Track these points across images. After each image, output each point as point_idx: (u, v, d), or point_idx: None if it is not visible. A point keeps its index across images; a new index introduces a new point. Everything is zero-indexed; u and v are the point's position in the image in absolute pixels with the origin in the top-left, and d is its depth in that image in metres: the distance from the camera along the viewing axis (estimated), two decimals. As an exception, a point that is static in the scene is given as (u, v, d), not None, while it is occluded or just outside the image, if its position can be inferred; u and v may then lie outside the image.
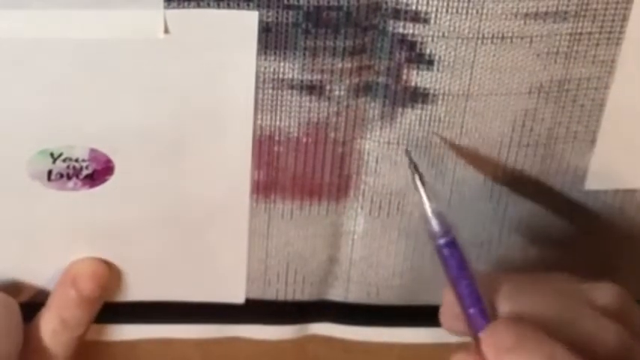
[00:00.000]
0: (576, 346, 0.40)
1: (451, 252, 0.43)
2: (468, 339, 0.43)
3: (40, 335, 0.47)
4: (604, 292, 0.43)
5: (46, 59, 0.42)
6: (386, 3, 0.42)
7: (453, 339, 0.45)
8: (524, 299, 0.42)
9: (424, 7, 0.42)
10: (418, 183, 0.44)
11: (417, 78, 0.44)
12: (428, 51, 0.43)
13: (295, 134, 0.45)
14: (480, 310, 0.42)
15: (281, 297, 0.50)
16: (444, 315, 0.44)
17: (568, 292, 0.43)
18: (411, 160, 0.45)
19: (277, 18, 0.42)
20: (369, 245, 0.49)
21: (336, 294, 0.51)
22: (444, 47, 0.43)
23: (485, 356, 0.41)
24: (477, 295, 0.42)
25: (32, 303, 0.48)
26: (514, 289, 0.42)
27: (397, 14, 0.43)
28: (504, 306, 0.42)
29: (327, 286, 0.51)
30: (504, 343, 0.40)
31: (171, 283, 0.50)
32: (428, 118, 0.45)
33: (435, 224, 0.43)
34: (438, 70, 0.44)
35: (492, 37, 0.43)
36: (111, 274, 0.48)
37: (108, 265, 0.48)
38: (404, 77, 0.44)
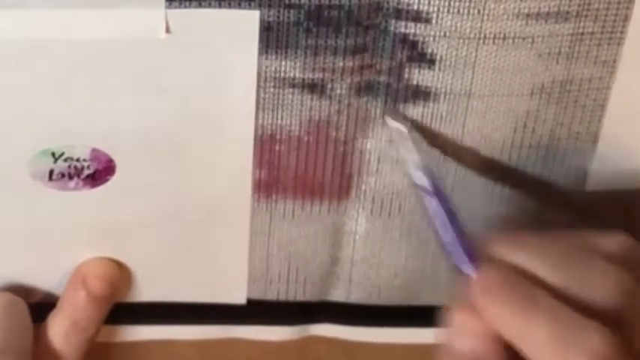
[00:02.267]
0: (570, 291, 0.39)
1: (441, 205, 0.43)
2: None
3: (51, 337, 0.47)
4: (612, 240, 0.42)
5: (47, 59, 0.42)
6: (387, 2, 0.42)
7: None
8: (517, 247, 0.41)
9: (426, 7, 0.42)
10: (408, 138, 0.44)
11: (419, 77, 0.44)
12: (429, 50, 0.43)
13: (297, 133, 0.45)
14: (472, 260, 0.42)
15: (282, 297, 0.50)
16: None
17: (571, 240, 0.42)
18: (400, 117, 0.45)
19: (278, 17, 0.42)
20: (371, 245, 0.49)
21: (338, 294, 0.51)
22: (445, 47, 0.43)
23: (474, 302, 0.40)
24: (468, 244, 0.42)
25: (42, 304, 0.48)
26: (509, 239, 0.42)
27: (399, 14, 0.43)
28: (497, 254, 0.41)
29: (329, 287, 0.51)
30: (488, 287, 0.40)
31: (172, 283, 0.50)
32: (429, 117, 0.45)
33: (421, 177, 0.43)
34: (439, 69, 0.44)
35: (494, 37, 0.43)
36: (121, 273, 0.48)
37: (118, 264, 0.48)
38: (405, 76, 0.44)
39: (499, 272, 0.40)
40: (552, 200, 0.48)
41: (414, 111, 0.45)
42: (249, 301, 0.51)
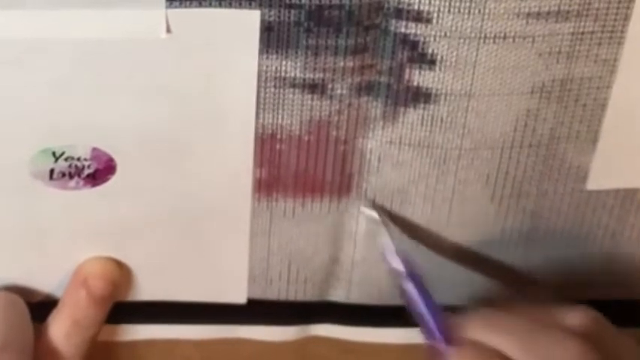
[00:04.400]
0: None
1: (417, 288, 0.46)
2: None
3: (52, 336, 0.47)
4: (575, 315, 0.44)
5: (47, 59, 0.42)
6: (388, 2, 0.42)
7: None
8: (488, 329, 0.43)
9: (426, 7, 0.42)
10: (382, 226, 0.47)
11: (419, 78, 0.44)
12: (430, 51, 0.43)
13: (297, 132, 0.45)
14: (447, 340, 0.44)
15: (282, 297, 0.50)
16: None
17: (536, 315, 0.44)
18: (377, 208, 0.47)
19: (279, 17, 0.42)
20: (371, 246, 0.49)
21: (338, 295, 0.51)
22: (446, 47, 0.43)
23: None
24: (444, 326, 0.44)
25: (42, 303, 0.48)
26: (481, 318, 0.44)
27: (399, 14, 0.43)
28: (471, 335, 0.43)
29: (329, 287, 0.51)
30: None
31: (172, 283, 0.50)
32: (430, 118, 0.45)
33: (398, 264, 0.46)
34: (440, 69, 0.44)
35: (494, 36, 0.43)
36: (122, 272, 0.48)
37: (118, 263, 0.48)
38: (406, 77, 0.44)
39: (472, 353, 0.43)
40: (552, 199, 0.48)
41: (415, 114, 0.45)
42: (250, 301, 0.51)
